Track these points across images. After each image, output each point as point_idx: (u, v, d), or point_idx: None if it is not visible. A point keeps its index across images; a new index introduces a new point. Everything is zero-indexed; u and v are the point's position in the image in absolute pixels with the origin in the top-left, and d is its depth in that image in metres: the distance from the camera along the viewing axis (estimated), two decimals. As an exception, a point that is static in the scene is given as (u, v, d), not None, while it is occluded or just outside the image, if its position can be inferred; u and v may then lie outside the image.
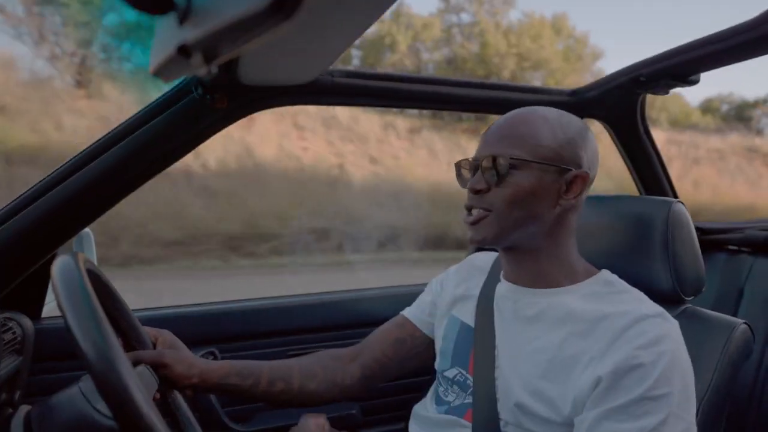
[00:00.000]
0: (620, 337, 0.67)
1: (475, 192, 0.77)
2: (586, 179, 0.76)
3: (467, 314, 0.88)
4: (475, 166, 0.79)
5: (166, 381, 0.80)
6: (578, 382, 0.68)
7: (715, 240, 1.55)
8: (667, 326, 0.69)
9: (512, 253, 0.81)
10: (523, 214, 0.75)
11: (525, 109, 0.80)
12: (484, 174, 0.76)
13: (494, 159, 0.75)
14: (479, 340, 0.83)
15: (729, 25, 0.99)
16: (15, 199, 0.96)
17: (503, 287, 0.84)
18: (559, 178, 0.75)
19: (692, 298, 0.89)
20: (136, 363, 0.74)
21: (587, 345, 0.69)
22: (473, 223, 0.77)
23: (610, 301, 0.74)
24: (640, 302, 0.73)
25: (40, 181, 0.96)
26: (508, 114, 0.81)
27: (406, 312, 1.02)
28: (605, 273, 0.80)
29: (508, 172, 0.74)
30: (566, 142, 0.76)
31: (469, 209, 0.79)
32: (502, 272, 0.86)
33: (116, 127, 0.98)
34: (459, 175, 0.83)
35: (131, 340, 0.82)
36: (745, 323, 0.84)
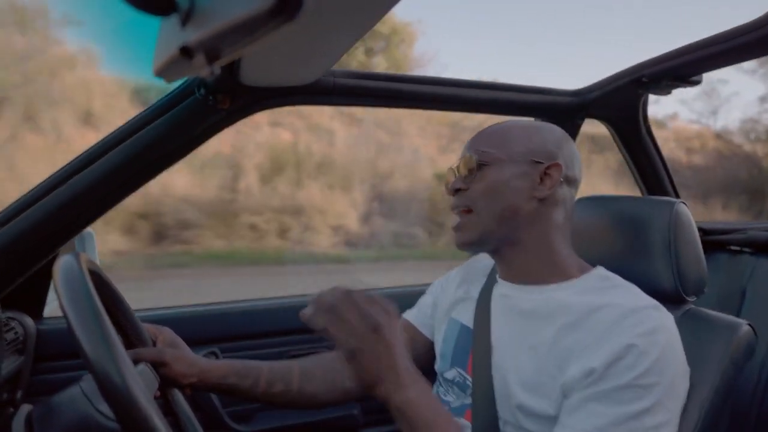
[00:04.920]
0: (615, 327, 0.66)
1: (455, 192, 0.83)
2: (560, 170, 0.79)
3: (467, 316, 0.88)
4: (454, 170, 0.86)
5: (166, 379, 0.80)
6: (569, 371, 0.67)
7: (718, 240, 1.55)
8: (662, 317, 0.69)
9: (499, 253, 0.83)
10: (501, 207, 0.79)
11: (505, 121, 0.87)
12: (460, 174, 0.83)
13: (468, 158, 0.81)
14: (477, 340, 0.83)
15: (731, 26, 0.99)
16: (18, 199, 0.96)
17: (500, 286, 0.85)
18: (531, 170, 0.79)
19: (694, 298, 0.89)
20: (136, 361, 0.75)
21: (580, 336, 0.69)
22: (457, 229, 0.82)
23: (605, 294, 0.74)
24: (634, 295, 0.74)
25: (43, 181, 0.97)
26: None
27: (408, 315, 1.02)
28: (600, 269, 0.80)
29: (479, 168, 0.80)
30: (540, 140, 0.81)
31: (453, 210, 0.84)
32: (497, 272, 0.87)
33: (119, 128, 0.98)
34: (446, 184, 0.87)
35: (132, 339, 0.82)
36: (747, 324, 0.84)
